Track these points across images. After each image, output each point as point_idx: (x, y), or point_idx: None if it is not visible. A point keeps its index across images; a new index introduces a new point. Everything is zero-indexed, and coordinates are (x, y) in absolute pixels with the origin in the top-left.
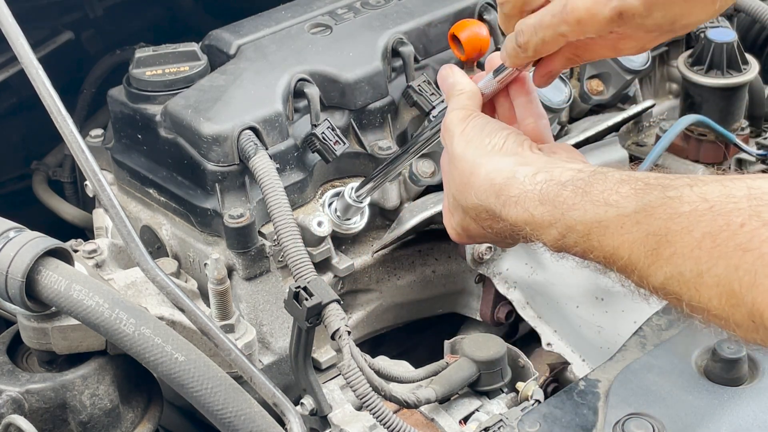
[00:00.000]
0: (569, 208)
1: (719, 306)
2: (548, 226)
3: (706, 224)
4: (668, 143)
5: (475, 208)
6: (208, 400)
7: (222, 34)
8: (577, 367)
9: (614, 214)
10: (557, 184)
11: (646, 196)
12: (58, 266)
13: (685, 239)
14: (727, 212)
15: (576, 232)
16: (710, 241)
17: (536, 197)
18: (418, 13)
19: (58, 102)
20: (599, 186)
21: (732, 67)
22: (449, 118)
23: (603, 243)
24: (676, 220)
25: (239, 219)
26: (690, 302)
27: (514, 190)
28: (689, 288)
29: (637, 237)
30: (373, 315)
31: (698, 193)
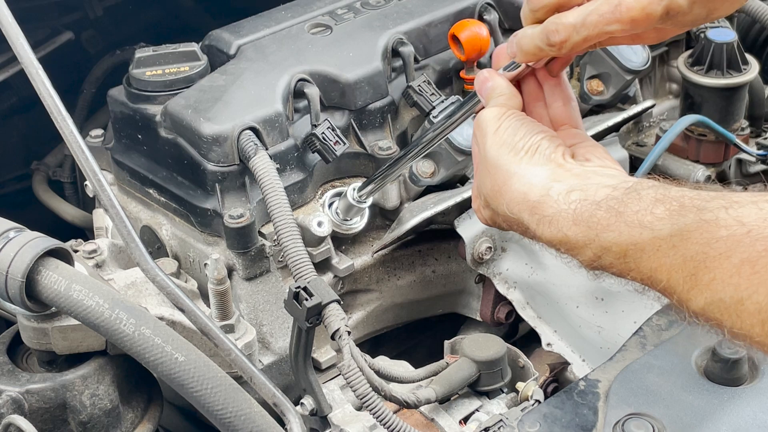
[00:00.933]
0: (603, 229)
1: (762, 333)
2: (583, 247)
3: (744, 250)
4: (668, 143)
5: (507, 217)
6: (208, 400)
7: (222, 34)
8: (577, 367)
9: (649, 236)
10: (591, 203)
11: (681, 219)
12: (58, 266)
13: (723, 265)
14: (765, 237)
15: (612, 254)
16: (749, 267)
17: (570, 217)
18: (418, 13)
19: (58, 102)
20: (633, 206)
21: (732, 67)
22: (484, 114)
23: (640, 265)
24: (713, 245)
25: (239, 219)
26: (732, 329)
27: (548, 209)
28: (730, 315)
29: (675, 261)
30: (373, 315)
31: (734, 216)
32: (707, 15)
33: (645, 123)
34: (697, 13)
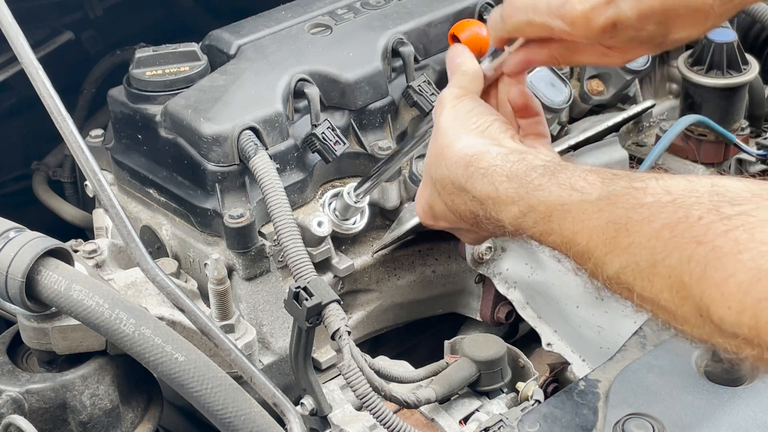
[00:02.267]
0: (535, 188)
1: (669, 298)
2: (510, 203)
3: (666, 216)
4: (668, 143)
5: (443, 179)
6: (208, 400)
7: (222, 34)
8: (577, 367)
9: (578, 199)
10: (528, 165)
11: (611, 185)
12: (58, 266)
13: (644, 229)
14: (688, 205)
15: (537, 213)
16: (668, 232)
17: (504, 173)
18: (418, 13)
19: (58, 102)
20: (568, 172)
21: (732, 67)
22: (445, 93)
23: (563, 227)
24: (638, 209)
25: (239, 219)
26: (641, 293)
27: (483, 162)
28: (642, 278)
29: (598, 224)
30: (373, 315)
31: (663, 186)
32: (666, 35)
33: (645, 123)
34: (651, 31)
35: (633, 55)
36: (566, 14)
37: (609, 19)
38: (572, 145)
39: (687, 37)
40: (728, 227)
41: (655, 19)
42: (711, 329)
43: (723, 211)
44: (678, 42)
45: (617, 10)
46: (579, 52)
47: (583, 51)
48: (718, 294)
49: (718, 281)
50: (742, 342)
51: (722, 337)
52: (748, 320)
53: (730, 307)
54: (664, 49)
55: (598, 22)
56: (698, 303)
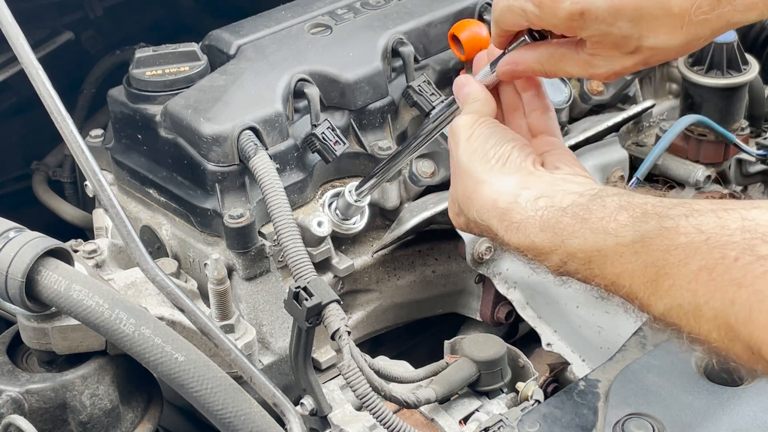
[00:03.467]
0: (569, 235)
1: (718, 338)
2: (549, 253)
3: (701, 257)
4: (668, 143)
5: (478, 224)
6: (208, 400)
7: (222, 34)
8: (577, 367)
9: (613, 243)
10: (558, 210)
11: (643, 226)
12: (58, 266)
13: (682, 272)
14: (722, 245)
15: (577, 260)
16: (706, 274)
17: (537, 224)
18: (418, 13)
19: (58, 102)
20: (598, 213)
21: (732, 67)
22: (457, 121)
23: (604, 271)
24: (673, 252)
25: (239, 219)
26: (690, 334)
27: (516, 216)
28: (689, 320)
29: (637, 267)
30: (373, 315)
31: (694, 224)
32: (641, 37)
33: (645, 123)
34: (624, 29)
35: (617, 66)
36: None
37: (577, 6)
38: (572, 145)
39: (664, 45)
40: (766, 268)
41: (628, 16)
42: (765, 366)
43: (757, 251)
44: (655, 51)
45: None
46: (564, 60)
47: (567, 58)
48: (766, 336)
49: (765, 324)
50: None
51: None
52: None
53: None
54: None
55: (565, 6)
56: (748, 343)
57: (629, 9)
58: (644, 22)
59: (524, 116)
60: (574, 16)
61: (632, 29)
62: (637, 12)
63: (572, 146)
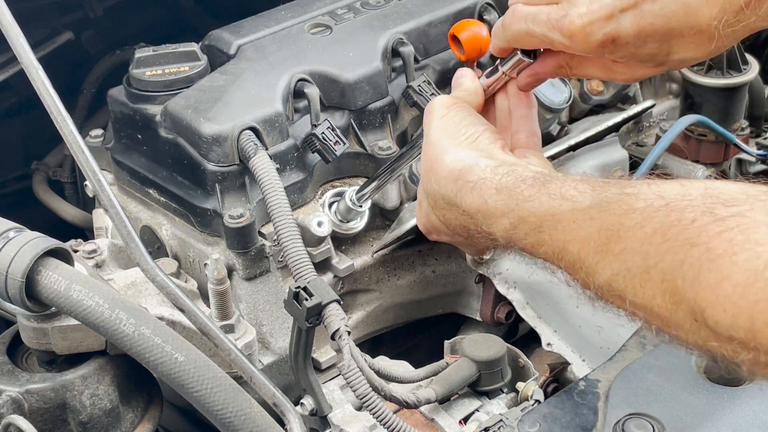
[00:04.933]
0: (524, 199)
1: (662, 304)
2: (500, 216)
3: (658, 220)
4: (668, 143)
5: (434, 194)
6: (208, 400)
7: (222, 34)
8: (577, 367)
9: (569, 207)
10: (517, 177)
11: (603, 192)
12: (58, 266)
13: (636, 234)
14: (681, 209)
15: (528, 224)
16: (660, 236)
17: (493, 186)
18: (418, 13)
19: (58, 102)
20: (558, 182)
21: (732, 67)
22: (435, 100)
23: (554, 237)
24: (630, 215)
25: (239, 219)
26: (634, 299)
27: (472, 176)
28: (634, 285)
29: (589, 232)
30: (373, 315)
31: (655, 190)
32: (668, 54)
33: (645, 123)
34: (652, 49)
35: (638, 73)
36: (565, 27)
37: (608, 35)
38: (572, 145)
39: (691, 58)
40: (722, 228)
41: (657, 38)
42: (706, 334)
43: (717, 213)
44: (681, 63)
45: (617, 26)
46: (584, 65)
47: (588, 63)
48: (712, 297)
49: (713, 284)
50: (737, 346)
51: (717, 341)
52: (744, 323)
53: (726, 310)
54: (668, 68)
55: (597, 37)
56: (692, 307)
57: (659, 31)
58: (673, 40)
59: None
60: (606, 43)
61: (660, 48)
62: (666, 34)
63: (572, 146)
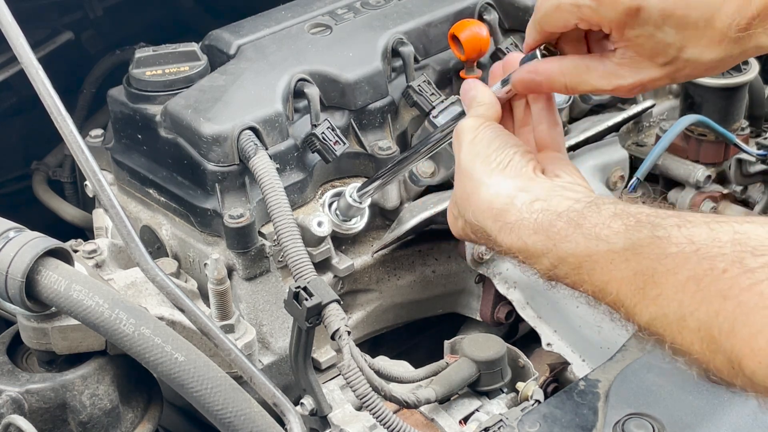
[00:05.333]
0: (562, 239)
1: (700, 350)
2: (541, 256)
3: (691, 268)
4: (668, 143)
5: (473, 225)
6: (208, 400)
7: (222, 34)
8: (577, 367)
9: (605, 249)
10: (552, 214)
11: (635, 234)
12: (58, 266)
13: (670, 281)
14: (712, 257)
15: (567, 264)
16: (694, 284)
17: (531, 226)
18: (418, 13)
19: (58, 102)
20: (592, 219)
21: (732, 67)
22: (462, 124)
23: (593, 277)
24: (662, 261)
25: (239, 219)
26: (673, 344)
27: (511, 216)
28: (672, 330)
29: (626, 275)
30: (373, 315)
31: (686, 234)
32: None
33: (645, 123)
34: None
35: (645, 75)
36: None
37: (635, 2)
38: (572, 145)
39: (699, 58)
40: (753, 281)
41: (675, 22)
42: (744, 381)
43: (746, 264)
44: (689, 64)
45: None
46: (588, 71)
47: (592, 70)
48: (747, 350)
49: (747, 337)
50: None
51: (754, 389)
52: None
53: (761, 362)
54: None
55: (624, 1)
56: (729, 357)
57: (678, 15)
58: (688, 31)
59: (532, 131)
60: (632, 11)
61: (675, 36)
62: (684, 19)
63: (572, 146)
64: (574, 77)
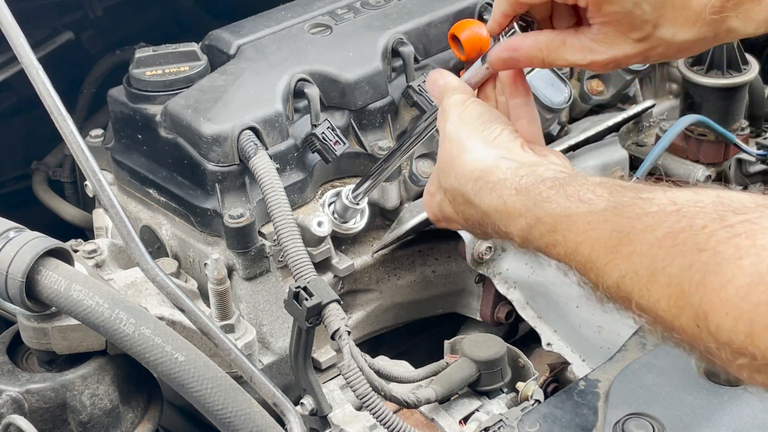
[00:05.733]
0: (543, 200)
1: (667, 307)
2: (518, 216)
3: (669, 225)
4: (668, 143)
5: (453, 190)
6: (208, 400)
7: (222, 34)
8: (577, 367)
9: (585, 210)
10: (538, 178)
11: (619, 196)
12: (58, 266)
13: (646, 237)
14: (693, 215)
15: (544, 224)
16: (670, 240)
17: (513, 186)
18: (418, 13)
19: (58, 102)
20: (577, 184)
21: (732, 67)
22: (448, 101)
23: (567, 238)
24: (642, 218)
25: (239, 219)
26: (639, 302)
27: (493, 177)
28: (641, 287)
29: (602, 234)
30: (373, 315)
31: (669, 196)
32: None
33: (645, 123)
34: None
35: (619, 51)
36: None
37: None
38: (572, 145)
39: (673, 37)
40: (731, 234)
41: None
42: (707, 338)
43: (727, 220)
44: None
45: None
46: (564, 46)
47: (567, 45)
48: (716, 300)
49: (717, 287)
50: (736, 350)
51: (717, 345)
52: (744, 327)
53: (728, 313)
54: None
55: None
56: (696, 311)
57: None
58: (665, 9)
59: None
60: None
61: (652, 14)
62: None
63: (572, 146)
64: (551, 52)
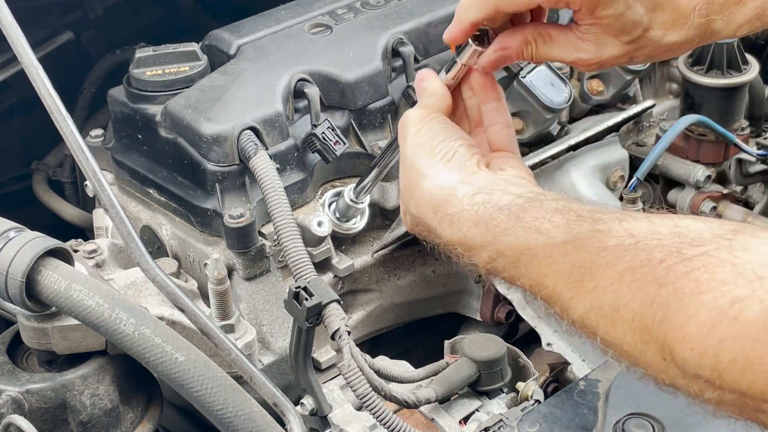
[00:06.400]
0: (501, 232)
1: (632, 342)
2: (480, 249)
3: (629, 259)
4: (668, 143)
5: (414, 218)
6: (208, 400)
7: (222, 34)
8: (577, 367)
9: (544, 242)
10: (494, 207)
11: (576, 228)
12: (58, 266)
13: (607, 273)
14: (651, 248)
15: (506, 258)
16: (630, 275)
17: (471, 218)
18: (418, 13)
19: (58, 102)
20: (533, 213)
21: (732, 67)
22: (407, 115)
23: (530, 271)
24: (601, 253)
25: (239, 219)
26: (605, 337)
27: (451, 208)
28: (606, 322)
29: (563, 268)
30: (373, 315)
31: (626, 228)
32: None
33: (645, 123)
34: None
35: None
36: None
37: None
38: (572, 145)
39: (662, 39)
40: (689, 268)
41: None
42: (674, 372)
43: (684, 253)
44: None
45: None
46: (550, 42)
47: (554, 41)
48: (680, 335)
49: (680, 322)
50: (704, 384)
51: (685, 380)
52: (710, 361)
53: (692, 348)
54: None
55: None
56: (661, 346)
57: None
58: (656, 11)
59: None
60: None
61: (645, 16)
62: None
63: (572, 146)
64: (540, 46)
